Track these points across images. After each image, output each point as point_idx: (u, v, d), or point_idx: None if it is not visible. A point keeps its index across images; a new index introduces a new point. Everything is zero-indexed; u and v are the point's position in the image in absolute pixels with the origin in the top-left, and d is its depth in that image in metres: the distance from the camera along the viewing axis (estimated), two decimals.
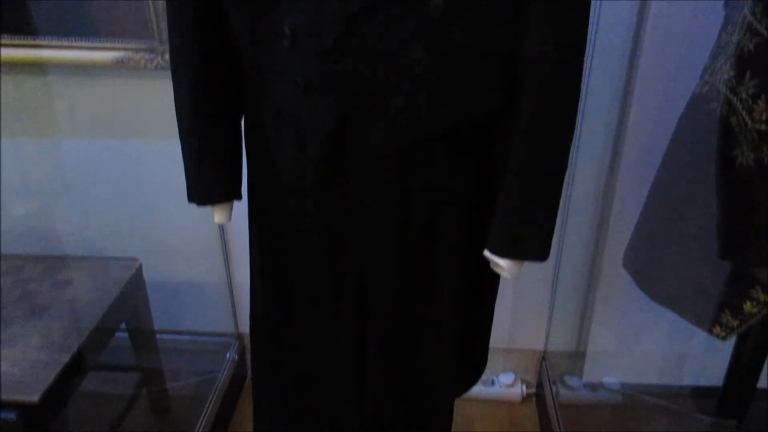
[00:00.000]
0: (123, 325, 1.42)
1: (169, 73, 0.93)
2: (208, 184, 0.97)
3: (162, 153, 1.44)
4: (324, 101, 0.82)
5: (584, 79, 1.01)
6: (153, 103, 1.39)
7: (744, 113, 0.87)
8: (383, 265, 0.95)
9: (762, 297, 1.00)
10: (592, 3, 0.81)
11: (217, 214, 1.02)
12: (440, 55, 0.78)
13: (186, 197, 0.99)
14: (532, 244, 0.89)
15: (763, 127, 0.85)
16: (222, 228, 1.57)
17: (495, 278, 1.05)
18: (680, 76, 1.06)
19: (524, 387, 1.74)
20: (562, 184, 0.88)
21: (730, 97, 0.89)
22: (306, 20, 0.78)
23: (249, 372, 1.76)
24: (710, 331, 1.06)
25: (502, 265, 0.90)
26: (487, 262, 0.93)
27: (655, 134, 1.11)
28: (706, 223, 0.99)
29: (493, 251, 0.90)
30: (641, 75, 1.18)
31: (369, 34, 0.77)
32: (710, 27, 0.97)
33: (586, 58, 0.86)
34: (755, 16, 0.82)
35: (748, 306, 1.01)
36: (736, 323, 1.03)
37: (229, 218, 1.03)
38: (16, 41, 1.31)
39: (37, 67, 1.35)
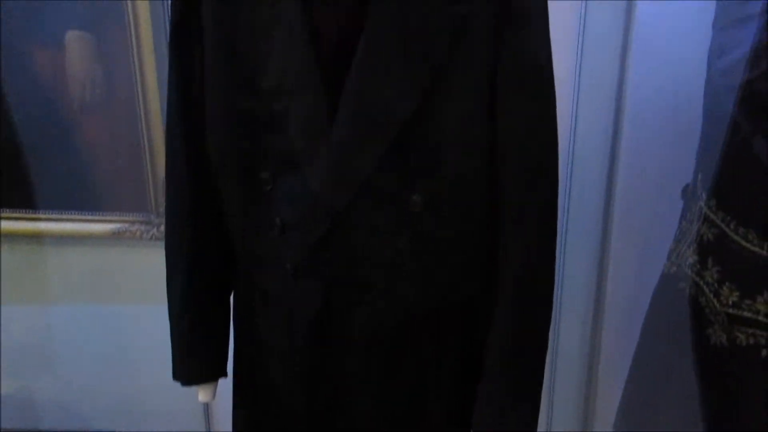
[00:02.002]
0: None
1: (162, 243, 0.98)
2: (195, 365, 0.98)
3: (154, 321, 1.45)
4: (311, 286, 0.86)
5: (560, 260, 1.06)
6: (147, 272, 1.43)
7: (711, 296, 0.91)
8: None
9: None
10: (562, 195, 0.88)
11: (201, 393, 1.01)
12: (421, 246, 0.84)
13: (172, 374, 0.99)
14: (516, 424, 0.89)
15: (731, 310, 0.89)
16: (207, 406, 1.55)
17: None
18: (649, 254, 1.12)
19: None
20: (544, 364, 0.91)
21: (696, 279, 0.94)
22: (295, 214, 0.84)
23: None
24: None
25: None
26: None
27: (630, 314, 1.15)
28: (690, 396, 1.00)
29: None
30: (614, 256, 1.25)
31: (354, 228, 0.82)
32: (673, 215, 1.04)
33: (560, 241, 0.91)
34: (711, 209, 0.89)
35: None
36: None
37: (213, 396, 1.02)
38: (17, 214, 1.37)
39: (35, 238, 1.41)
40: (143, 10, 1.22)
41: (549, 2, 0.80)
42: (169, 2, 1.23)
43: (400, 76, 0.77)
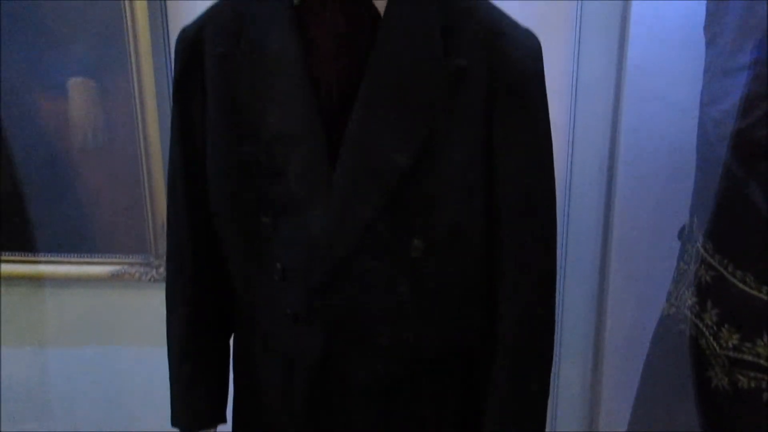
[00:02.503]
0: None
1: (161, 284, 0.98)
2: (194, 411, 0.97)
3: (153, 364, 1.44)
4: (311, 332, 0.86)
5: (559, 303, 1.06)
6: (146, 314, 1.43)
7: (711, 339, 0.91)
8: None
9: None
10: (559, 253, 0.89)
11: None
12: (421, 292, 0.84)
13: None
14: None
15: (731, 353, 0.89)
16: None
17: None
18: (648, 295, 1.13)
19: None
20: (545, 416, 0.90)
21: (696, 321, 0.94)
22: (296, 260, 0.85)
23: None
24: None
25: None
26: None
27: (630, 357, 1.15)
28: None
29: None
30: (612, 297, 1.26)
31: (355, 273, 0.83)
32: (671, 256, 1.05)
33: (558, 284, 0.92)
34: (708, 251, 0.90)
35: None
36: None
37: None
38: (17, 257, 1.38)
39: (35, 281, 1.41)
40: (146, 57, 1.25)
41: (543, 49, 0.83)
42: (172, 51, 1.27)
43: (399, 126, 0.79)
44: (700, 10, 0.94)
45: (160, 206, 1.33)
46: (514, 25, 0.83)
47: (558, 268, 0.94)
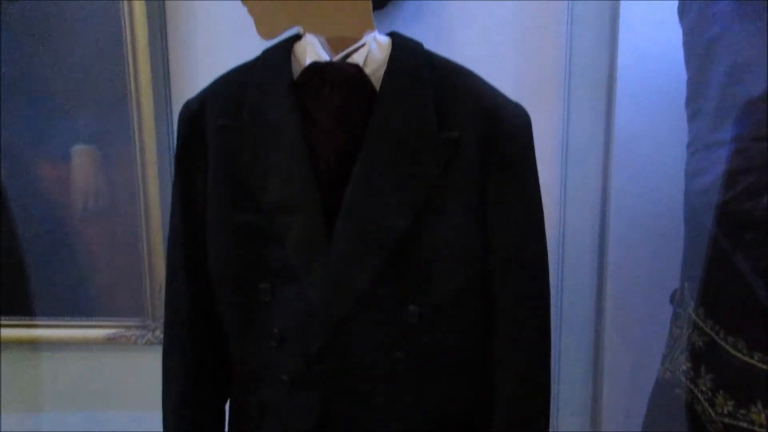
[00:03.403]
0: None
1: (157, 347, 0.98)
2: None
3: (148, 428, 1.42)
4: (307, 398, 0.86)
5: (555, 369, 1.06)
6: (142, 377, 1.42)
7: (707, 404, 0.92)
8: None
9: None
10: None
11: None
12: (418, 357, 0.85)
13: None
14: None
15: (727, 419, 0.89)
16: None
17: None
18: (643, 359, 1.13)
19: None
20: None
21: (691, 387, 0.95)
22: (293, 326, 0.86)
23: None
24: None
25: None
26: None
27: (627, 422, 1.15)
28: None
29: None
30: (608, 362, 1.26)
31: (352, 339, 0.84)
32: (665, 319, 1.06)
33: (553, 350, 0.93)
34: (699, 317, 0.91)
35: None
36: None
37: None
38: (14, 321, 1.38)
39: (31, 345, 1.40)
40: (149, 124, 1.28)
41: (532, 117, 0.86)
42: (174, 120, 1.31)
43: (395, 196, 0.82)
44: (684, 79, 0.99)
45: (158, 270, 1.34)
46: (504, 99, 0.86)
47: (553, 331, 0.95)
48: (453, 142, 0.82)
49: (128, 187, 1.31)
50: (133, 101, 1.27)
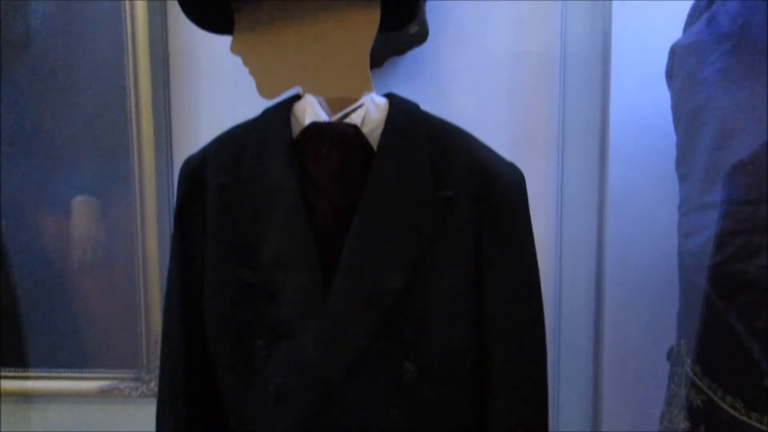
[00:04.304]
0: None
1: (152, 400, 0.97)
2: None
3: None
4: None
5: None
6: (135, 429, 1.39)
7: None
8: None
9: None
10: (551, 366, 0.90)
11: None
12: (414, 415, 0.84)
13: None
14: None
15: None
16: None
17: None
18: (642, 417, 1.12)
19: None
20: None
21: None
22: (290, 383, 0.85)
23: None
24: None
25: None
26: None
27: None
28: None
29: None
30: (606, 420, 1.25)
31: (348, 397, 0.83)
32: (662, 375, 1.06)
33: (550, 409, 0.92)
34: (697, 375, 0.91)
35: None
36: None
37: None
38: (8, 373, 1.36)
39: (23, 397, 1.39)
40: (149, 176, 1.30)
41: (526, 172, 0.88)
42: (174, 173, 1.33)
43: (391, 254, 0.82)
44: (674, 137, 1.01)
45: (154, 322, 1.33)
46: (499, 159, 0.88)
47: (551, 388, 0.94)
48: (448, 200, 0.84)
49: (127, 239, 1.31)
50: (135, 153, 1.29)
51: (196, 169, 0.92)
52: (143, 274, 1.31)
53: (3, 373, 1.36)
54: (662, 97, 1.02)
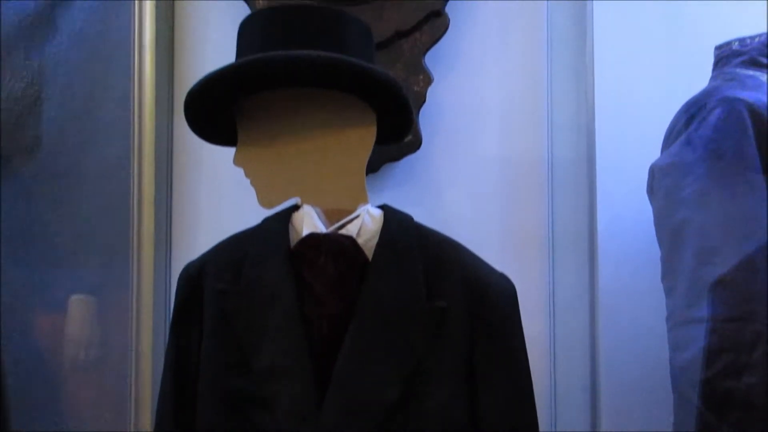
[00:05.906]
0: None
1: None
2: None
3: None
4: None
5: None
6: None
7: None
8: None
9: None
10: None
11: None
12: None
13: None
14: None
15: None
16: None
17: None
18: None
19: None
20: None
21: None
22: None
23: None
24: None
25: None
26: None
27: None
28: None
29: None
30: None
31: None
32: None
33: None
34: None
35: None
36: None
37: None
38: None
39: None
40: (147, 277, 1.31)
41: (517, 275, 0.90)
42: (172, 275, 1.35)
43: (385, 366, 0.83)
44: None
45: (144, 426, 1.30)
46: (490, 270, 0.91)
47: None
48: (441, 311, 0.85)
49: (121, 338, 1.31)
50: (134, 255, 1.31)
51: (195, 276, 0.94)
52: (135, 376, 1.29)
53: None
54: (646, 199, 1.05)
